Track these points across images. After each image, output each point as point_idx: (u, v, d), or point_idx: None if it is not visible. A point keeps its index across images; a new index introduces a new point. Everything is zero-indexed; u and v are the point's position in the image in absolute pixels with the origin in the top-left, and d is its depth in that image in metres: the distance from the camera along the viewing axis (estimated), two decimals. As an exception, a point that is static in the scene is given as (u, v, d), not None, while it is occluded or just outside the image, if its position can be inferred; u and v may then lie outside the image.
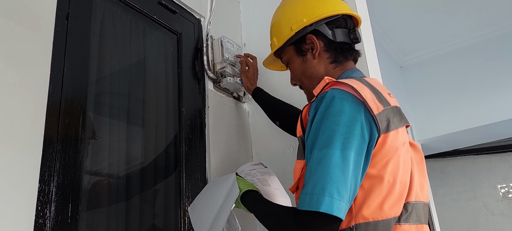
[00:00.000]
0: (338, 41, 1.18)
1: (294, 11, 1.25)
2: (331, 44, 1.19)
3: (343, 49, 1.19)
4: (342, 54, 1.19)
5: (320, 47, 1.19)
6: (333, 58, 1.19)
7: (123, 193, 1.34)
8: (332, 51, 1.19)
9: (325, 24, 1.19)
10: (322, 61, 1.20)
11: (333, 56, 1.19)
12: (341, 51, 1.19)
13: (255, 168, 1.24)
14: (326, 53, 1.19)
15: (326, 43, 1.19)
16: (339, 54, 1.19)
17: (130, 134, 1.43)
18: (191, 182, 1.53)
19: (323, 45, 1.19)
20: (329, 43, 1.19)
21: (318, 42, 1.19)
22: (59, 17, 1.21)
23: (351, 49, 1.21)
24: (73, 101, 1.19)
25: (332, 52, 1.19)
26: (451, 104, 3.73)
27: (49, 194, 1.04)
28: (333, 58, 1.19)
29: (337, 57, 1.19)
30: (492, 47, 3.71)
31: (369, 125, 0.93)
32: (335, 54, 1.19)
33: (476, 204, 4.94)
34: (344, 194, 0.87)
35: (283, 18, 1.28)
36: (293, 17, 1.24)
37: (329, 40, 1.19)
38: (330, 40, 1.18)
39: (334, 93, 0.96)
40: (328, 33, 1.18)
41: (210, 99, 1.74)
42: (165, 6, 1.65)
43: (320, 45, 1.19)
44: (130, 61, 1.51)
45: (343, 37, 1.19)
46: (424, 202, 1.04)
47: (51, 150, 1.08)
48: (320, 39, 1.19)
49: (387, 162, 0.94)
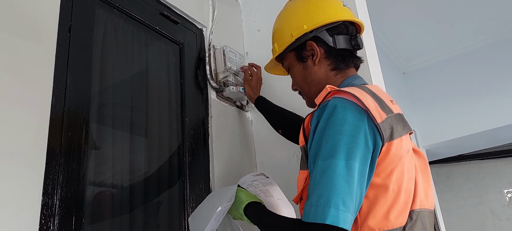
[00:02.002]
0: (339, 48, 1.17)
1: (295, 17, 1.24)
2: (331, 51, 1.18)
3: (344, 56, 1.18)
4: (343, 61, 1.18)
5: (320, 54, 1.18)
6: (334, 65, 1.18)
7: (126, 204, 1.33)
8: (333, 58, 1.18)
9: (326, 31, 1.18)
10: (323, 67, 1.19)
11: (334, 63, 1.18)
12: (342, 58, 1.18)
13: (257, 179, 1.23)
14: (327, 60, 1.18)
15: (327, 50, 1.18)
16: (340, 61, 1.18)
17: (133, 145, 1.42)
18: (195, 192, 1.53)
19: (323, 52, 1.18)
20: (329, 50, 1.18)
21: (319, 49, 1.18)
22: (61, 29, 1.21)
23: (352, 56, 1.20)
24: (76, 114, 1.18)
25: (332, 59, 1.18)
26: (455, 109, 3.72)
27: (52, 207, 1.04)
28: (334, 65, 1.18)
29: (338, 64, 1.18)
30: (495, 52, 3.70)
31: (373, 133, 0.92)
32: (336, 61, 1.18)
33: (483, 210, 4.90)
34: (350, 205, 0.86)
35: (284, 24, 1.27)
36: (293, 23, 1.23)
37: (330, 47, 1.18)
38: (331, 47, 1.17)
39: (336, 102, 0.95)
40: (328, 40, 1.17)
41: (213, 108, 1.74)
42: (167, 17, 1.66)
43: (320, 52, 1.18)
44: (132, 72, 1.51)
45: (344, 44, 1.17)
46: (429, 209, 1.02)
47: (54, 163, 1.08)
48: (320, 46, 1.19)
49: (391, 170, 0.93)
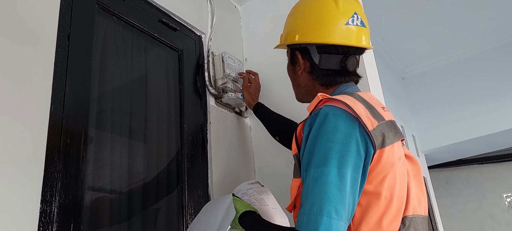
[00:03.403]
0: (323, 68, 1.15)
1: (294, 21, 1.24)
2: (315, 68, 1.17)
3: (328, 75, 1.16)
4: (327, 78, 1.16)
5: (304, 67, 1.19)
6: (320, 81, 1.17)
7: (125, 210, 1.34)
8: (317, 75, 1.17)
9: (316, 47, 1.16)
10: (308, 79, 1.19)
11: (320, 79, 1.17)
12: (326, 76, 1.16)
13: (252, 187, 1.24)
14: (311, 75, 1.18)
15: (312, 65, 1.17)
16: (324, 77, 1.16)
17: (132, 151, 1.43)
18: (194, 198, 1.53)
19: (308, 66, 1.18)
20: (313, 66, 1.17)
21: (303, 62, 1.19)
22: (60, 37, 1.22)
23: (339, 75, 1.16)
24: (74, 121, 1.19)
25: (317, 75, 1.17)
26: (454, 114, 3.72)
27: (50, 215, 1.05)
28: (320, 81, 1.17)
29: (323, 80, 1.16)
30: (494, 57, 3.71)
31: (365, 141, 0.92)
32: (321, 77, 1.16)
33: (482, 215, 4.88)
34: (342, 213, 0.86)
35: (288, 21, 1.28)
36: (292, 26, 1.23)
37: (315, 64, 1.16)
38: (316, 64, 1.16)
39: (328, 110, 0.95)
40: (315, 57, 1.16)
41: (211, 114, 1.74)
42: (166, 24, 1.67)
43: (305, 65, 1.19)
44: (131, 78, 1.52)
45: (332, 64, 1.15)
46: (422, 215, 1.03)
47: (52, 170, 1.09)
48: (306, 59, 1.18)
49: (383, 177, 0.94)
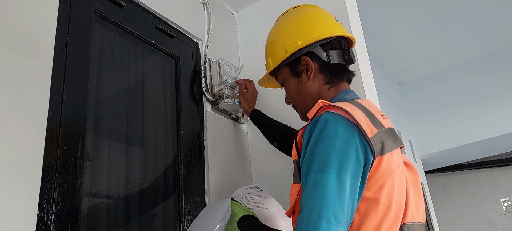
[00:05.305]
0: (333, 62, 1.19)
1: (289, 32, 1.26)
2: (325, 66, 1.20)
3: (338, 70, 1.21)
4: (336, 75, 1.20)
5: (315, 69, 1.20)
6: (328, 80, 1.20)
7: (122, 217, 1.34)
8: (327, 73, 1.20)
9: (320, 46, 1.20)
10: (317, 82, 1.21)
11: (328, 77, 1.20)
12: (335, 73, 1.20)
13: (251, 192, 1.24)
14: (321, 75, 1.21)
15: (321, 64, 1.20)
16: (334, 75, 1.20)
17: (129, 158, 1.43)
18: (190, 204, 1.53)
19: (317, 67, 1.21)
20: (323, 65, 1.20)
21: (313, 64, 1.20)
22: (58, 45, 1.22)
23: (345, 70, 1.23)
24: (72, 128, 1.20)
25: (326, 73, 1.20)
26: (451, 119, 3.74)
27: (48, 222, 1.05)
28: (328, 80, 1.20)
29: (331, 78, 1.20)
30: (490, 62, 3.73)
31: (364, 148, 0.93)
32: (329, 76, 1.20)
33: (480, 219, 4.89)
34: (341, 219, 0.87)
35: (278, 39, 1.29)
36: (287, 39, 1.25)
37: (324, 62, 1.20)
38: (325, 62, 1.20)
39: (328, 117, 0.97)
40: (322, 55, 1.20)
41: (208, 121, 1.75)
42: (163, 31, 1.68)
43: (315, 66, 1.20)
44: (128, 85, 1.52)
45: (337, 58, 1.20)
46: (420, 222, 1.04)
47: (50, 177, 1.09)
48: (314, 61, 1.21)
49: (382, 184, 0.94)
